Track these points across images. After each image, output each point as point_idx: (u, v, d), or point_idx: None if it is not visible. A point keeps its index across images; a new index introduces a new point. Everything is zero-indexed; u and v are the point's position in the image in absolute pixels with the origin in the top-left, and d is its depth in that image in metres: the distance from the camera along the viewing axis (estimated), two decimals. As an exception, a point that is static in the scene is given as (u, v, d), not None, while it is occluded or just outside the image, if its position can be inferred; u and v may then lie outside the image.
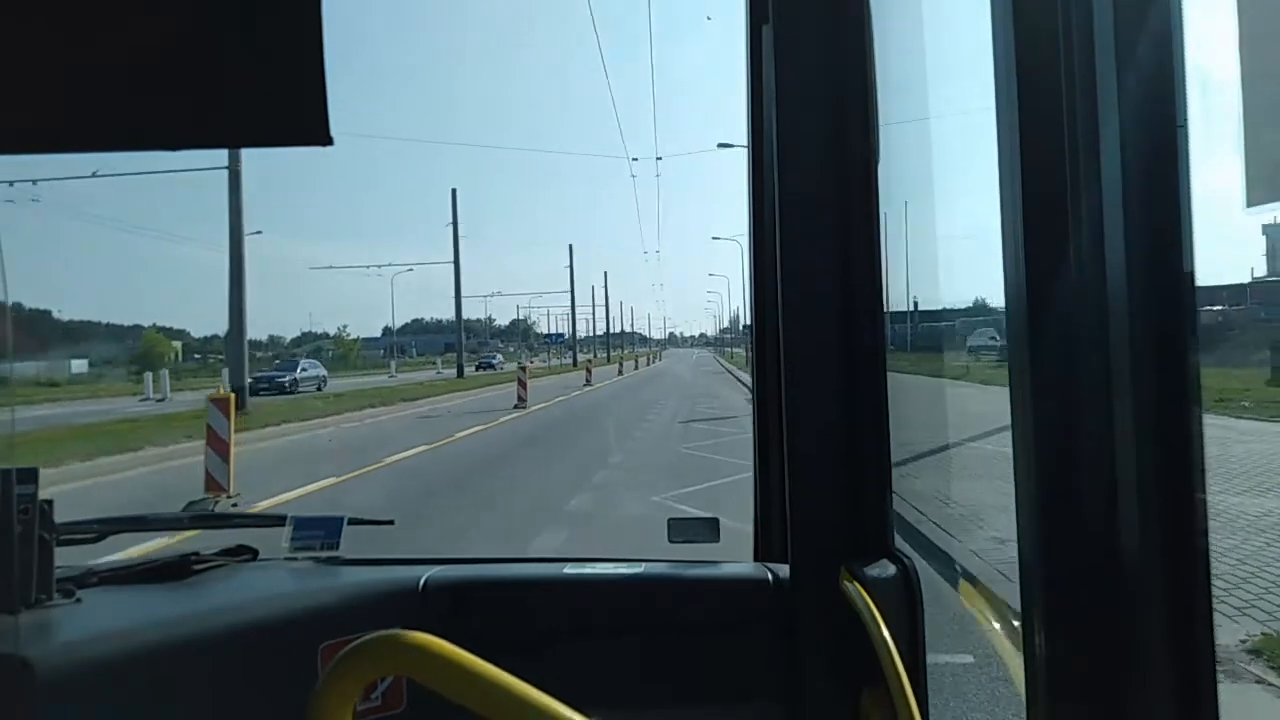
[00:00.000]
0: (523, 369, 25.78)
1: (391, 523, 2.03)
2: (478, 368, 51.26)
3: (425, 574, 1.67)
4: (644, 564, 1.70)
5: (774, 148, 1.40)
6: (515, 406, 21.94)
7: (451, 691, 0.70)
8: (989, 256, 0.86)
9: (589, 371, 36.82)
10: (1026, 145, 0.77)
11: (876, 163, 1.37)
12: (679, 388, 31.80)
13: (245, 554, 1.77)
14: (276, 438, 16.40)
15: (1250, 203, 0.63)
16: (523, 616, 1.65)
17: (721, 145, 33.89)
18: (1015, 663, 0.90)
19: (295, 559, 1.77)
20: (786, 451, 1.42)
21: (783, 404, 1.42)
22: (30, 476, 1.36)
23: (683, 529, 1.96)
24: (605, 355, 79.69)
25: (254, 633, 1.43)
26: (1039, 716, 0.79)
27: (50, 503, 1.39)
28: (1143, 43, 0.68)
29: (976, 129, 0.94)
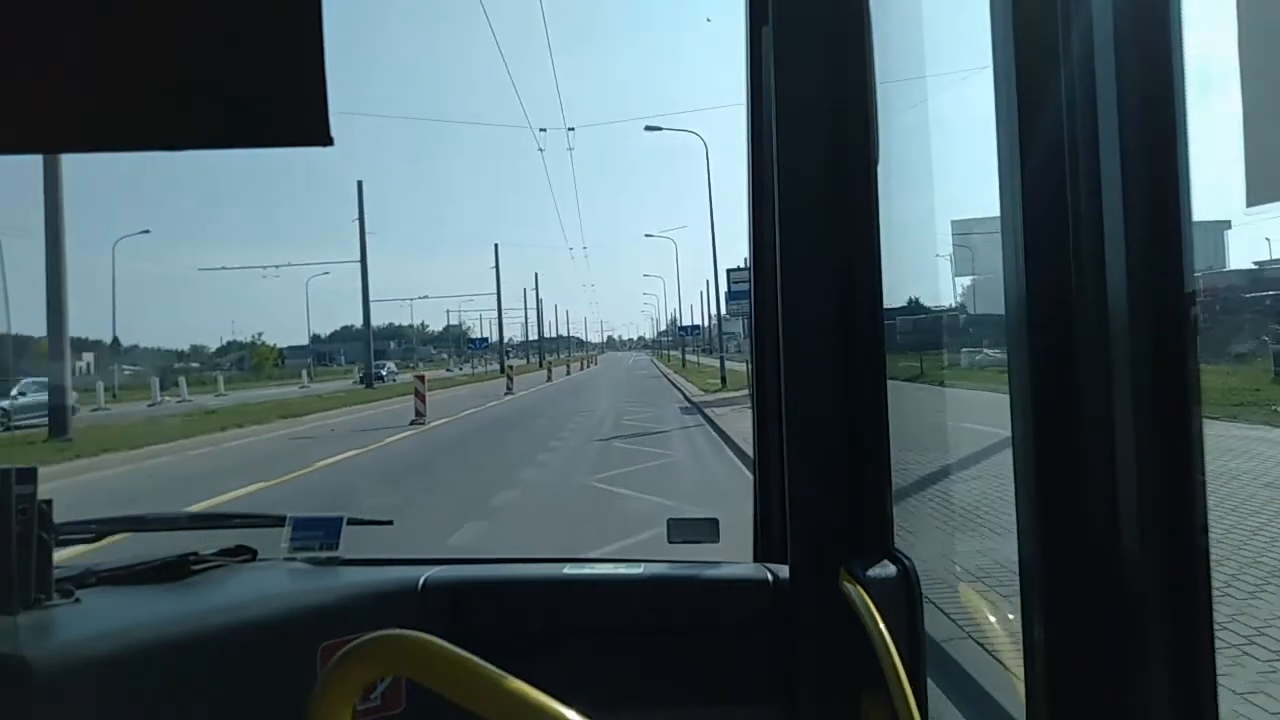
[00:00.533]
0: (420, 379, 22.33)
1: (390, 523, 2.03)
2: (362, 380, 44.16)
3: (424, 574, 1.67)
4: (643, 564, 1.70)
5: (774, 149, 1.40)
6: (411, 423, 18.88)
7: (450, 691, 0.70)
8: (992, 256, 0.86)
9: (510, 379, 32.94)
10: (1026, 145, 0.77)
11: (876, 163, 1.36)
12: (607, 395, 28.59)
13: (244, 554, 1.76)
14: (81, 473, 12.81)
15: (1250, 202, 0.63)
16: (522, 617, 1.65)
17: (649, 128, 31.12)
18: (1015, 663, 0.90)
19: (294, 559, 1.77)
20: (786, 451, 1.42)
21: (782, 404, 1.42)
22: (29, 476, 1.36)
23: (682, 529, 1.96)
24: (539, 360, 74.99)
25: (253, 633, 1.43)
26: (1039, 716, 0.78)
27: (49, 503, 1.39)
28: (1142, 42, 0.68)
29: (976, 129, 0.94)
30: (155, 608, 1.45)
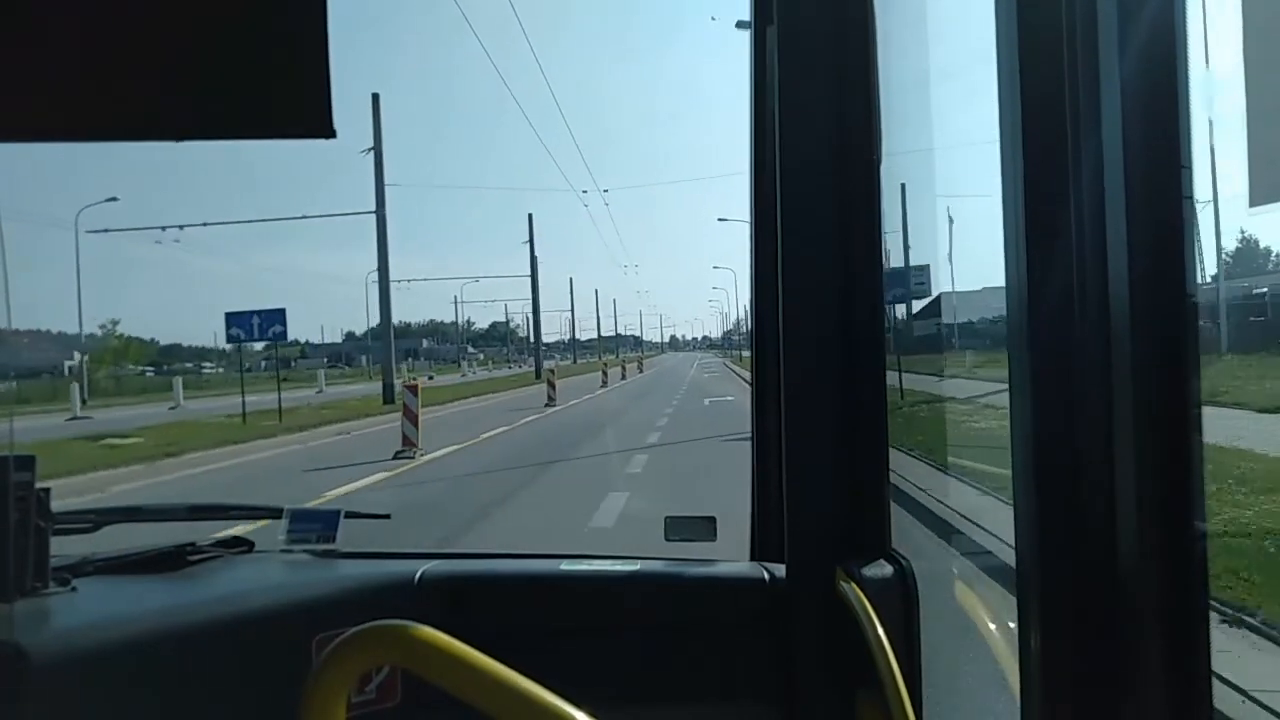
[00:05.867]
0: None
1: (388, 516, 2.03)
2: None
3: (421, 568, 1.67)
4: (640, 562, 1.70)
5: (777, 148, 1.40)
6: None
7: (444, 682, 0.70)
8: (992, 255, 0.86)
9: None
10: (1029, 145, 0.77)
11: (879, 162, 1.37)
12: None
13: (241, 545, 1.77)
14: None
15: (1253, 202, 0.62)
16: (518, 612, 1.65)
17: (721, 221, 27.32)
18: (1011, 664, 0.90)
19: (291, 551, 1.77)
20: (785, 450, 1.42)
21: (782, 403, 1.42)
22: (27, 464, 1.36)
23: (680, 527, 1.96)
24: (572, 361, 55.46)
25: (249, 624, 1.43)
26: (1034, 717, 0.78)
27: (47, 490, 1.39)
28: (1146, 41, 0.68)
29: (979, 129, 0.94)
30: (152, 597, 1.45)
